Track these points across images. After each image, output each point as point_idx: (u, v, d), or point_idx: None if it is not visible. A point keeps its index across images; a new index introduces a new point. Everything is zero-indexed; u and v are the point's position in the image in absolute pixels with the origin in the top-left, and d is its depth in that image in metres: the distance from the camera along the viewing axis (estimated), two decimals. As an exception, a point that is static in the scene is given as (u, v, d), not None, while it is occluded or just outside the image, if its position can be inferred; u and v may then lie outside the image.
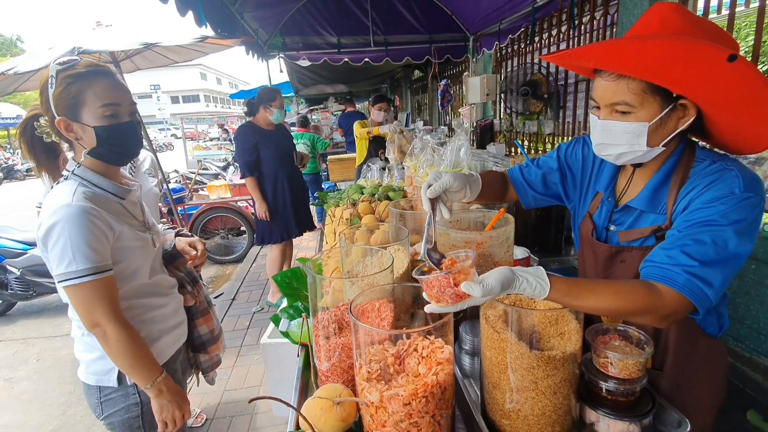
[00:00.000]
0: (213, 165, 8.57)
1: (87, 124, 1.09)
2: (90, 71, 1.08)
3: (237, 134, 3.31)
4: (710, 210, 0.80)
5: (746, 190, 0.80)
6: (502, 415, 0.85)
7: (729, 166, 0.85)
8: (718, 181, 0.83)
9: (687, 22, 0.78)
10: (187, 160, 10.94)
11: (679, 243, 0.80)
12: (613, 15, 3.13)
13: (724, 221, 0.79)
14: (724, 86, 0.75)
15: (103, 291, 1.08)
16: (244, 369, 2.76)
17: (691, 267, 0.77)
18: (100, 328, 1.09)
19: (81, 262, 1.04)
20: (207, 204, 5.09)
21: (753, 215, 0.80)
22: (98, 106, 1.09)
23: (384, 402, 0.74)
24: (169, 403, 1.21)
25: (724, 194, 0.81)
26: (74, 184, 1.10)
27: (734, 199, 0.80)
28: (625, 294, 0.77)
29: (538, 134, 4.40)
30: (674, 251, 0.80)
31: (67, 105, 1.07)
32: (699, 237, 0.79)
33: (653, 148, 0.86)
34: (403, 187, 2.52)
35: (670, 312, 0.78)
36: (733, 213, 0.79)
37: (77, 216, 1.04)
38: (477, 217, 1.28)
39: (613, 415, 0.82)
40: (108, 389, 1.21)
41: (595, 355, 0.87)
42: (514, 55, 4.87)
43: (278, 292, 3.73)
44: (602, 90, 0.87)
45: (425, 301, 0.92)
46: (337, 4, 4.73)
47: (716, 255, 0.77)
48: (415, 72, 9.50)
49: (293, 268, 1.47)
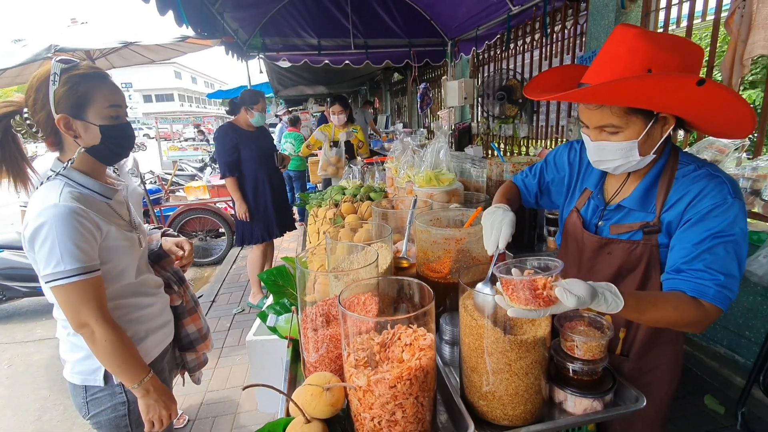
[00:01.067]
0: (189, 166, 8.40)
1: (92, 122, 1.12)
2: (95, 73, 1.12)
3: (217, 134, 3.29)
4: (714, 221, 0.89)
5: (736, 196, 0.90)
6: (479, 396, 0.92)
7: (715, 173, 0.94)
8: (710, 188, 0.92)
9: (652, 47, 0.85)
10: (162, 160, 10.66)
11: (700, 257, 0.89)
12: (582, 25, 3.30)
13: (730, 230, 0.88)
14: (697, 103, 0.84)
15: (91, 291, 1.08)
16: (226, 370, 2.76)
17: (716, 280, 0.87)
18: (88, 329, 1.10)
19: (69, 262, 1.04)
20: (185, 205, 5.00)
21: (744, 217, 0.91)
22: (105, 107, 1.13)
23: (371, 385, 0.80)
24: (155, 403, 1.22)
25: (719, 202, 0.90)
26: (60, 184, 1.11)
27: (729, 206, 0.89)
28: (682, 310, 0.87)
29: (514, 137, 4.56)
30: (697, 264, 0.89)
31: (72, 103, 1.09)
32: (714, 250, 0.88)
33: (645, 156, 0.95)
34: (384, 188, 2.58)
35: (710, 321, 0.89)
36: (734, 220, 0.88)
37: (64, 216, 1.04)
38: (456, 216, 1.36)
39: (578, 393, 0.90)
40: (94, 389, 1.22)
41: (563, 339, 0.95)
42: (490, 60, 5.02)
43: (259, 293, 3.75)
44: (587, 115, 0.96)
45: (408, 295, 0.99)
46: (317, 6, 4.76)
47: (732, 263, 0.88)
48: (395, 75, 9.60)
49: (278, 266, 1.50)
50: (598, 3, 2.87)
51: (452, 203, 1.68)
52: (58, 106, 1.08)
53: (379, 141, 7.49)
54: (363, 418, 0.83)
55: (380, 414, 0.81)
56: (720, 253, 0.88)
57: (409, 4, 5.02)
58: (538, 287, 0.76)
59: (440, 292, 1.16)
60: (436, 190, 1.74)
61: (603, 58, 0.92)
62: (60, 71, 1.07)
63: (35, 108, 1.10)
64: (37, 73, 1.09)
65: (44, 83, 1.08)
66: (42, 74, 1.08)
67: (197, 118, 17.27)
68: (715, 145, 2.26)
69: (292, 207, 3.71)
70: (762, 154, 2.17)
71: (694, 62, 0.89)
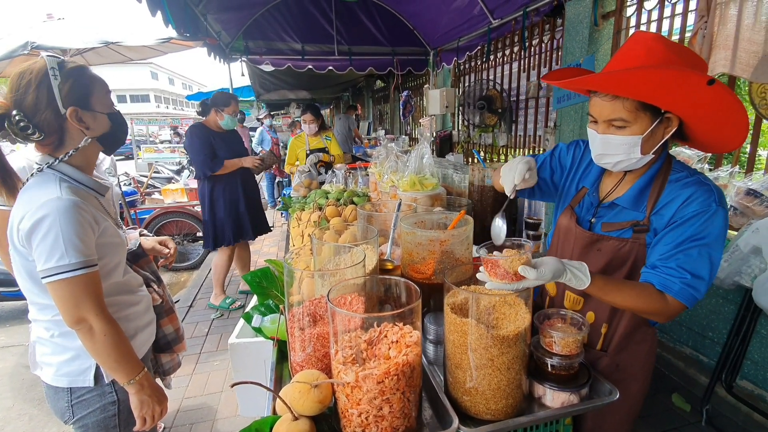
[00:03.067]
0: (166, 168, 8.20)
1: (100, 111, 1.14)
2: (84, 66, 1.14)
3: (192, 133, 3.20)
4: (696, 225, 0.96)
5: (720, 204, 0.96)
6: (463, 392, 0.95)
7: (705, 181, 1.01)
8: (698, 194, 0.98)
9: (669, 51, 0.91)
10: (137, 162, 10.36)
11: (675, 257, 0.97)
12: (558, 39, 3.44)
13: (708, 236, 0.95)
14: (703, 103, 0.89)
15: (92, 285, 1.07)
16: (204, 376, 2.70)
17: (683, 278, 0.94)
18: (86, 324, 1.07)
19: (73, 255, 1.03)
20: (161, 208, 4.88)
21: (725, 225, 0.98)
22: (105, 94, 1.16)
23: (359, 381, 0.81)
24: (149, 399, 1.20)
25: (704, 209, 0.96)
26: (55, 178, 1.08)
27: (712, 213, 0.96)
28: (645, 298, 0.96)
29: (493, 146, 4.68)
30: (671, 262, 0.97)
31: (81, 95, 1.10)
32: (689, 251, 0.95)
33: (645, 155, 1.00)
34: (368, 193, 2.61)
35: (672, 313, 0.98)
36: (713, 227, 0.96)
37: (68, 209, 1.03)
38: (440, 218, 1.40)
39: (556, 387, 0.95)
40: (82, 390, 1.18)
41: (542, 336, 1.00)
42: (471, 70, 5.16)
43: (221, 294, 3.71)
44: (600, 108, 1.00)
45: (395, 294, 1.02)
46: (301, 11, 4.79)
47: (703, 266, 0.95)
48: (377, 82, 9.70)
49: (263, 268, 1.50)
50: (573, 19, 3.02)
51: (436, 207, 1.72)
52: (65, 100, 1.07)
53: (362, 147, 7.53)
54: (350, 414, 0.84)
55: (368, 409, 0.83)
56: (693, 255, 0.95)
57: (393, 13, 5.11)
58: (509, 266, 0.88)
59: (424, 293, 1.19)
60: (420, 194, 1.78)
61: (620, 57, 0.98)
62: (58, 65, 1.06)
63: (38, 107, 1.05)
64: (27, 72, 1.04)
65: (44, 80, 1.04)
66: (38, 72, 1.04)
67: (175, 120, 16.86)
68: (680, 156, 2.40)
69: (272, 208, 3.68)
70: (722, 166, 2.32)
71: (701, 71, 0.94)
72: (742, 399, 2.09)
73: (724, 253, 1.94)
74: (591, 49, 2.91)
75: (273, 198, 7.63)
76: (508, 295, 0.95)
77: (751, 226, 1.85)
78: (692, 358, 2.50)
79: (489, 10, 3.88)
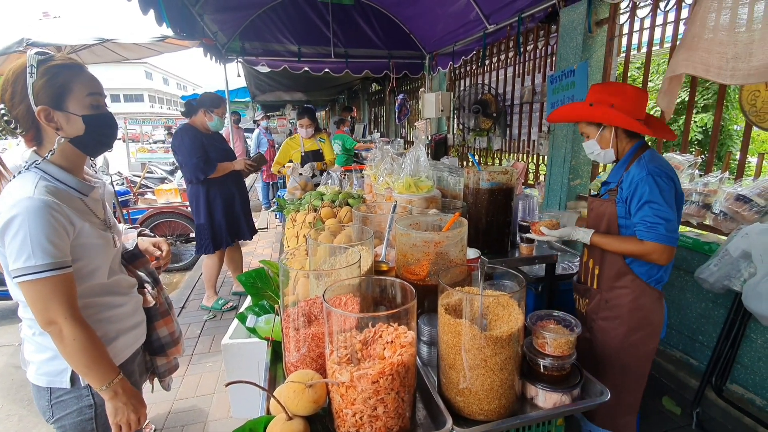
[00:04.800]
0: (159, 168, 8.14)
1: (73, 113, 1.10)
2: (72, 64, 1.10)
3: (181, 136, 3.13)
4: (640, 192, 1.43)
5: (649, 173, 1.41)
6: (456, 393, 0.96)
7: (644, 164, 1.45)
8: (637, 172, 1.45)
9: (597, 92, 1.56)
10: (129, 162, 10.27)
11: (636, 215, 1.45)
12: (553, 45, 3.48)
13: (651, 194, 1.40)
14: (596, 116, 1.55)
15: (62, 288, 1.05)
16: (195, 377, 2.67)
17: (645, 224, 1.42)
18: (56, 326, 1.06)
19: (40, 257, 1.01)
20: (154, 208, 4.84)
21: (658, 184, 1.40)
22: (85, 95, 1.11)
23: (354, 381, 0.82)
24: (124, 406, 1.18)
25: (639, 179, 1.43)
26: (35, 177, 1.08)
27: (643, 179, 1.41)
28: (628, 244, 1.46)
29: (488, 149, 4.72)
30: (636, 219, 1.45)
31: (53, 94, 1.07)
32: (644, 209, 1.42)
33: (606, 149, 1.58)
34: (363, 195, 2.61)
35: (650, 251, 1.41)
36: (651, 187, 1.40)
37: (38, 209, 1.01)
38: (435, 220, 1.40)
39: (549, 388, 0.96)
40: (60, 391, 1.17)
41: (534, 337, 1.01)
42: (466, 75, 5.20)
43: (213, 296, 3.69)
44: (579, 127, 1.66)
45: (390, 295, 1.03)
46: (298, 13, 4.80)
47: (657, 214, 1.39)
48: (373, 85, 9.72)
49: (257, 268, 1.50)
50: (567, 26, 3.05)
51: (431, 209, 1.73)
52: (37, 98, 1.06)
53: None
54: (345, 414, 0.85)
55: (362, 409, 0.83)
56: (646, 210, 1.41)
57: (390, 17, 5.14)
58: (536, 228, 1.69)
59: (419, 294, 1.19)
60: (415, 196, 1.78)
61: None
62: (37, 63, 1.05)
63: (13, 102, 1.07)
64: (13, 66, 1.06)
65: (21, 76, 1.05)
66: (18, 67, 1.06)
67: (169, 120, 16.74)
68: (672, 162, 2.43)
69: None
70: (712, 172, 2.36)
71: (620, 96, 1.49)
72: (732, 402, 2.11)
73: (714, 258, 1.97)
74: (585, 56, 2.94)
75: (267, 200, 7.61)
76: (501, 296, 0.96)
77: (741, 231, 1.88)
78: (683, 362, 2.52)
79: (485, 16, 3.92)
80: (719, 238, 2.26)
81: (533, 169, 3.98)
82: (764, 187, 2.01)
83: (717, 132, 2.42)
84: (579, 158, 3.15)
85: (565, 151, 3.18)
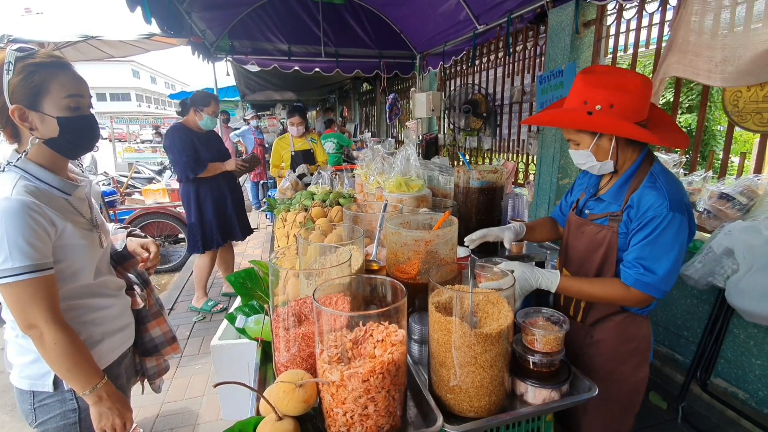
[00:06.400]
0: (147, 168, 8.02)
1: (48, 114, 1.06)
2: (53, 62, 1.06)
3: (172, 134, 3.11)
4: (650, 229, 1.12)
5: (672, 209, 1.09)
6: (447, 390, 0.96)
7: (665, 188, 1.12)
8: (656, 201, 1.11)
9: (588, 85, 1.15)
10: (116, 162, 10.10)
11: (633, 253, 1.15)
12: (541, 46, 3.52)
13: (661, 236, 1.11)
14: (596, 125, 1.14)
15: (42, 290, 1.03)
16: (185, 380, 2.64)
17: (637, 270, 1.14)
18: (36, 330, 1.04)
19: (18, 259, 0.99)
20: (141, 209, 4.77)
21: (680, 228, 1.10)
22: (63, 97, 1.07)
23: (344, 380, 0.81)
24: (109, 411, 1.15)
25: (657, 214, 1.10)
26: (15, 176, 1.05)
27: (663, 217, 1.10)
28: (610, 289, 1.18)
29: (478, 149, 4.74)
30: (630, 256, 1.16)
31: (27, 93, 1.03)
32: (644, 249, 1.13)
33: (604, 161, 1.21)
34: (353, 194, 2.61)
35: (636, 299, 1.16)
36: (665, 228, 1.10)
37: (16, 211, 0.99)
38: (425, 219, 1.41)
39: (538, 384, 0.97)
40: (42, 394, 1.14)
41: (524, 334, 1.02)
42: (457, 75, 5.22)
43: (203, 297, 3.66)
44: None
45: (380, 294, 1.03)
46: (288, 12, 4.77)
47: (656, 260, 1.12)
48: (364, 84, 9.72)
49: (247, 269, 1.49)
50: (555, 27, 3.09)
51: (421, 208, 1.73)
52: (12, 96, 1.03)
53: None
54: (335, 414, 0.84)
55: (353, 408, 0.83)
56: (645, 252, 1.12)
57: (380, 16, 5.14)
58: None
59: (409, 293, 1.19)
60: (406, 195, 1.79)
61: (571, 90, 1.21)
62: (15, 60, 1.02)
63: None
64: None
65: (0, 72, 1.02)
66: None
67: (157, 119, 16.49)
68: (658, 161, 2.48)
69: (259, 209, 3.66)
70: (696, 170, 2.41)
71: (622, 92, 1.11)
72: (716, 396, 2.16)
73: (698, 255, 2.01)
74: (573, 56, 2.98)
75: (257, 200, 7.55)
76: (491, 294, 0.96)
77: (724, 229, 1.92)
78: (668, 357, 2.57)
79: (474, 16, 3.94)
80: (703, 235, 2.31)
81: (523, 168, 4.02)
82: (746, 186, 2.06)
83: (701, 132, 2.47)
84: (568, 158, 3.19)
85: (554, 151, 3.22)
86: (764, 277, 1.72)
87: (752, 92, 2.02)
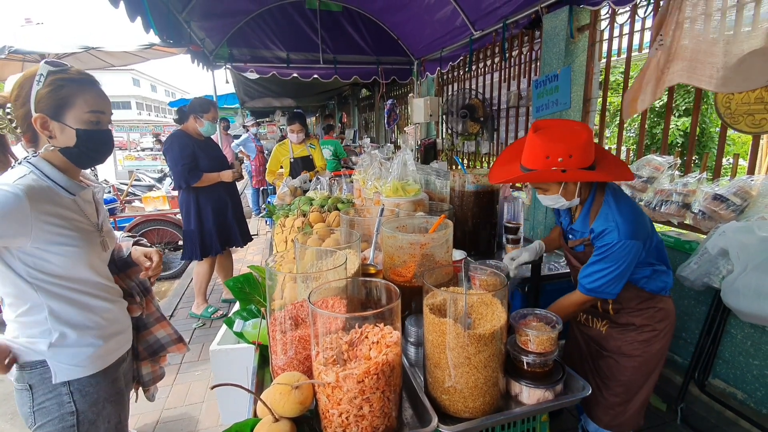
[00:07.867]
0: (147, 176, 8.05)
1: (69, 125, 1.14)
2: (83, 78, 1.16)
3: (171, 141, 3.13)
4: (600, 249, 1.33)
5: (620, 237, 1.27)
6: (442, 391, 0.97)
7: (614, 217, 1.31)
8: (608, 228, 1.31)
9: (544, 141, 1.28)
10: (117, 170, 10.15)
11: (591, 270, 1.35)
12: (537, 51, 3.56)
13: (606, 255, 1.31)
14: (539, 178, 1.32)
15: None
16: (184, 386, 2.64)
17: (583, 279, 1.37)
18: None
19: None
20: (142, 216, 4.79)
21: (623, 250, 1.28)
22: (85, 111, 1.16)
23: (340, 381, 0.83)
24: None
25: (609, 241, 1.30)
26: (25, 170, 1.12)
27: (613, 243, 1.29)
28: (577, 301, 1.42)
29: (476, 153, 4.77)
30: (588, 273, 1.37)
31: (52, 104, 1.12)
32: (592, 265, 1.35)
33: (571, 200, 1.39)
34: (352, 200, 2.63)
35: (582, 301, 1.40)
36: (608, 250, 1.30)
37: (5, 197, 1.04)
38: (421, 223, 1.43)
39: (532, 384, 0.98)
40: (40, 390, 1.16)
41: (517, 335, 1.03)
42: (454, 80, 5.26)
43: (203, 303, 3.66)
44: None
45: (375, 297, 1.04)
46: (286, 20, 4.82)
47: (596, 272, 1.33)
48: (363, 90, 9.78)
49: (245, 273, 1.50)
50: (550, 32, 3.13)
51: (418, 212, 1.75)
52: (37, 105, 1.11)
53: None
54: (331, 415, 0.86)
55: (348, 409, 0.84)
56: (591, 267, 1.35)
57: (378, 23, 5.19)
58: None
59: (405, 296, 1.22)
60: (402, 199, 1.81)
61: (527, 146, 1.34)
62: (47, 73, 1.12)
63: (17, 103, 1.14)
64: (27, 72, 1.15)
65: (29, 81, 1.12)
66: (30, 74, 1.13)
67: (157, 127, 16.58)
68: (652, 163, 2.50)
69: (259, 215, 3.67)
70: (691, 172, 2.42)
71: (576, 143, 1.26)
72: (714, 397, 2.16)
73: (694, 256, 2.02)
74: (567, 61, 3.01)
75: (258, 206, 7.58)
76: (484, 295, 0.98)
77: (719, 230, 1.93)
78: (667, 359, 2.57)
79: (470, 22, 3.98)
80: (699, 236, 2.32)
81: (520, 172, 4.03)
82: (740, 187, 2.08)
83: (695, 133, 2.49)
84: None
85: (551, 154, 3.23)
86: (759, 277, 1.73)
87: (743, 94, 2.05)
